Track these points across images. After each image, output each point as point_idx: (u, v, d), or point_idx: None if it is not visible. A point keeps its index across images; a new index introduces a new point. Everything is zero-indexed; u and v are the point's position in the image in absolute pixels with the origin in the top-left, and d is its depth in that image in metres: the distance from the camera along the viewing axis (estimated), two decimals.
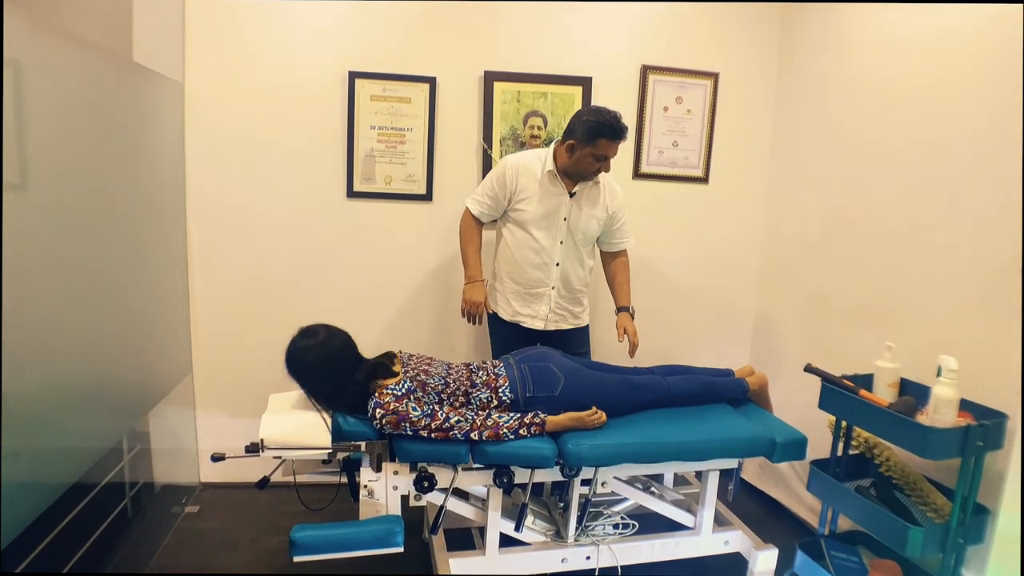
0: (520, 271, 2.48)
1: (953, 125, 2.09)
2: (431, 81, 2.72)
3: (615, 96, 2.89)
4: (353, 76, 2.67)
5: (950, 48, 2.12)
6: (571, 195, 2.41)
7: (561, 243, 2.45)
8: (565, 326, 2.56)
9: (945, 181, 2.11)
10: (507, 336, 2.56)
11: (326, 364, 1.94)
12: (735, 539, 2.28)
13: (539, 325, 2.52)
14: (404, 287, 2.90)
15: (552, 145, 2.43)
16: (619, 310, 2.57)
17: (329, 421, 1.91)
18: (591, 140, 2.26)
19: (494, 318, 2.58)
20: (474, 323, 2.51)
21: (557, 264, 2.46)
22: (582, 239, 2.47)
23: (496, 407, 2.01)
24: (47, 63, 1.66)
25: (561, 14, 2.81)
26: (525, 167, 2.42)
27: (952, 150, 2.09)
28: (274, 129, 2.67)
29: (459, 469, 1.97)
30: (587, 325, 2.66)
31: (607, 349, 2.79)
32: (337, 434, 1.89)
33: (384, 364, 2.04)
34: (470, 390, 2.02)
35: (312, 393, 1.97)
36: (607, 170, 2.38)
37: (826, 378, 2.11)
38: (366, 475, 1.94)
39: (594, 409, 2.00)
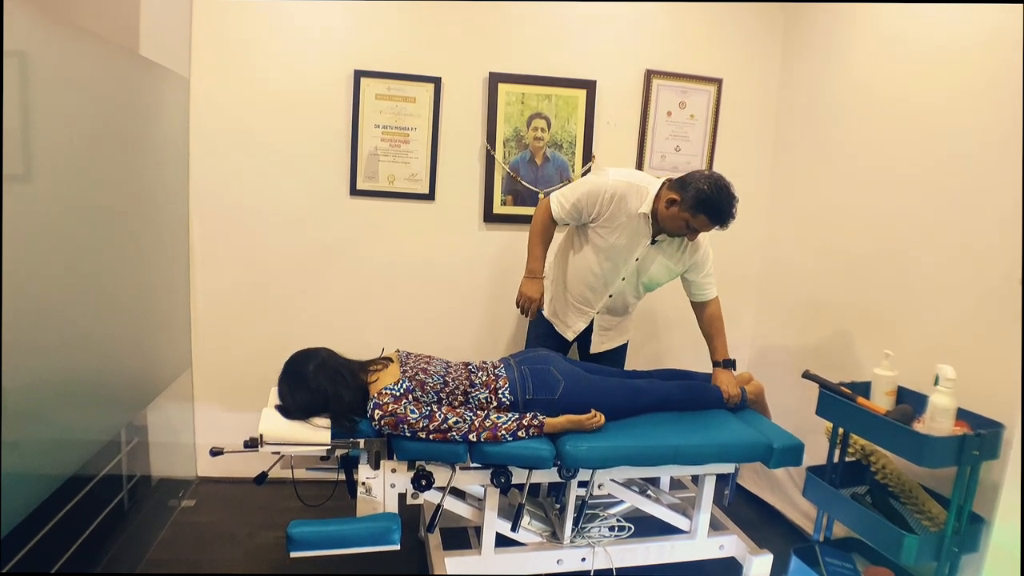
0: (575, 285, 2.45)
1: (955, 134, 2.10)
2: (436, 81, 2.73)
3: (619, 100, 2.90)
4: (358, 75, 2.67)
5: (950, 58, 2.13)
6: (653, 241, 2.30)
7: (623, 279, 2.38)
8: (611, 345, 2.55)
9: (946, 190, 2.12)
10: (543, 334, 2.55)
11: (318, 374, 1.93)
12: (730, 544, 2.29)
13: (569, 336, 2.50)
14: (404, 286, 2.90)
15: (660, 183, 2.25)
16: (715, 364, 2.41)
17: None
18: (694, 210, 2.11)
19: (538, 312, 2.57)
20: (526, 316, 2.46)
21: (610, 296, 2.42)
22: (647, 282, 2.39)
23: (495, 408, 2.02)
24: (53, 55, 1.66)
25: (566, 17, 2.82)
26: (623, 197, 2.24)
27: (953, 159, 2.10)
28: (278, 126, 2.68)
29: (457, 468, 1.97)
30: (627, 342, 2.64)
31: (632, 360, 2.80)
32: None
33: (380, 360, 2.06)
34: (469, 390, 2.02)
35: (314, 406, 1.93)
36: (691, 240, 2.25)
37: (824, 385, 2.12)
38: (364, 472, 1.94)
39: (593, 412, 2.01)
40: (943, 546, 1.82)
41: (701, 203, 2.09)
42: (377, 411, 1.86)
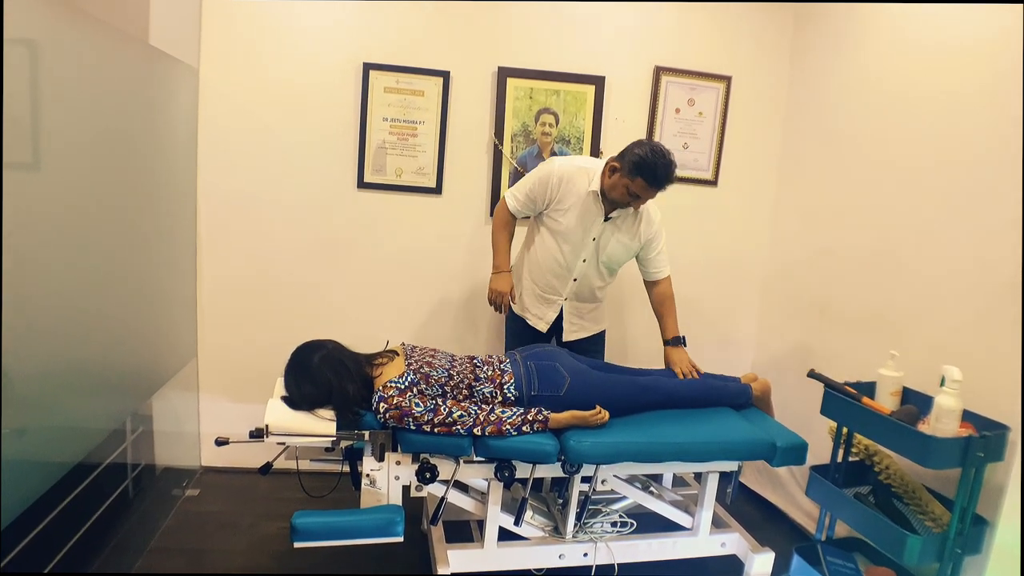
0: (539, 274, 2.48)
1: (963, 134, 2.09)
2: (445, 75, 2.73)
3: (627, 96, 2.90)
4: (367, 67, 2.67)
5: (960, 57, 2.12)
6: (607, 219, 2.35)
7: (584, 261, 2.42)
8: (584, 334, 2.57)
9: (953, 191, 2.11)
10: (520, 331, 2.57)
11: (323, 366, 1.94)
12: (732, 541, 2.29)
13: (542, 327, 2.52)
14: (411, 279, 2.90)
15: (605, 161, 2.32)
16: (666, 343, 2.48)
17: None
18: (631, 174, 2.18)
19: (510, 310, 2.58)
20: (499, 311, 2.50)
21: (575, 279, 2.45)
22: (606, 261, 2.43)
23: (500, 402, 2.02)
24: (63, 42, 1.66)
25: (576, 13, 2.81)
26: (570, 179, 2.33)
27: (961, 159, 2.09)
28: (287, 117, 2.68)
29: (461, 461, 1.98)
30: (603, 331, 2.65)
31: (617, 356, 2.80)
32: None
33: (385, 353, 2.08)
34: (474, 383, 2.03)
35: (319, 398, 1.94)
36: (636, 208, 2.31)
37: (829, 384, 2.12)
38: (368, 464, 1.95)
39: (597, 408, 2.01)
40: (946, 547, 1.82)
41: (637, 166, 2.16)
42: (382, 404, 1.86)
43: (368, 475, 1.95)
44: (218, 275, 2.75)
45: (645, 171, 2.15)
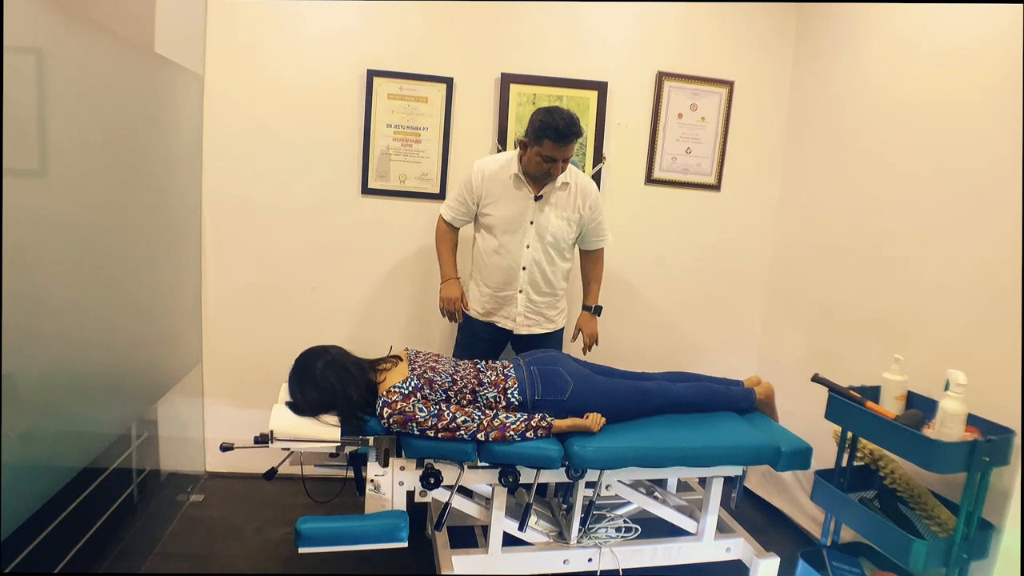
0: (489, 274, 2.50)
1: (967, 137, 2.09)
2: (448, 81, 2.74)
3: (630, 101, 2.90)
4: (371, 74, 2.69)
5: (964, 60, 2.12)
6: (537, 198, 2.39)
7: (528, 247, 2.43)
8: (539, 330, 2.55)
9: (956, 194, 2.11)
10: (477, 334, 2.57)
11: (327, 372, 1.95)
12: (737, 546, 2.29)
13: (509, 326, 2.53)
14: (414, 285, 2.91)
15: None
16: (583, 308, 2.61)
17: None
18: (538, 139, 2.25)
19: (466, 316, 2.57)
20: (452, 320, 2.51)
21: (523, 268, 2.46)
22: (552, 242, 2.44)
23: (504, 407, 2.02)
24: (69, 51, 1.67)
25: (578, 18, 2.82)
26: (491, 171, 2.42)
27: (965, 162, 2.09)
28: (291, 124, 2.69)
29: (465, 467, 1.98)
30: (561, 328, 2.65)
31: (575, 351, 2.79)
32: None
33: (389, 358, 2.08)
34: (477, 388, 2.03)
35: (323, 403, 1.95)
36: (556, 172, 2.32)
37: (833, 389, 2.12)
38: (373, 470, 1.95)
39: (587, 415, 2.02)
40: (952, 552, 1.81)
41: (540, 131, 2.23)
42: (386, 409, 1.87)
43: (372, 480, 1.96)
44: (223, 281, 2.76)
45: (548, 131, 2.21)
